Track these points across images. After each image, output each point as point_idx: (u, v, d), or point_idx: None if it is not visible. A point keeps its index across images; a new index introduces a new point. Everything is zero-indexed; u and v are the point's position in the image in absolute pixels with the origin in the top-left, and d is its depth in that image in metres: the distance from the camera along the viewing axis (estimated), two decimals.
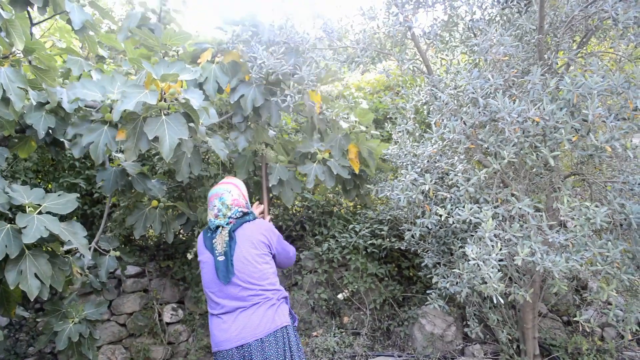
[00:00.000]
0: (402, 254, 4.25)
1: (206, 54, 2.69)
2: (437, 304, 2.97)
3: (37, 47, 2.23)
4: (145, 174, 2.89)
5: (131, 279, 3.94)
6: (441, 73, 3.04)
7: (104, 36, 2.80)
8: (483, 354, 3.75)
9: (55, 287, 2.16)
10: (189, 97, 2.10)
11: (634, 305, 2.40)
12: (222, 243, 2.07)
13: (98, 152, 2.25)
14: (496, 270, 2.03)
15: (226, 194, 2.18)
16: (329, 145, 2.76)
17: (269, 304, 2.01)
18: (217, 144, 2.53)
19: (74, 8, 2.51)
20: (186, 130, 2.07)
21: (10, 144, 2.57)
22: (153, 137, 2.04)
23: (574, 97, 2.03)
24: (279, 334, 1.98)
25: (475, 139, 2.35)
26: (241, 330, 1.94)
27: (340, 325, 4.13)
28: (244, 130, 2.72)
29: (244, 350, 1.92)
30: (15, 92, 2.04)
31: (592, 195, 2.61)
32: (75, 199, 2.24)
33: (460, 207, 2.24)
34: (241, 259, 2.02)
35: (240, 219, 2.14)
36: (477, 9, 2.94)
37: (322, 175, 2.69)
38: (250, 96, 2.56)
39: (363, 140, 2.85)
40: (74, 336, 2.52)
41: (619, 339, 3.78)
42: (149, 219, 2.99)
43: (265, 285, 2.04)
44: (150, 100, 2.00)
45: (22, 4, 2.35)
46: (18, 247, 1.98)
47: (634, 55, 2.89)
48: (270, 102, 2.62)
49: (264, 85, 2.59)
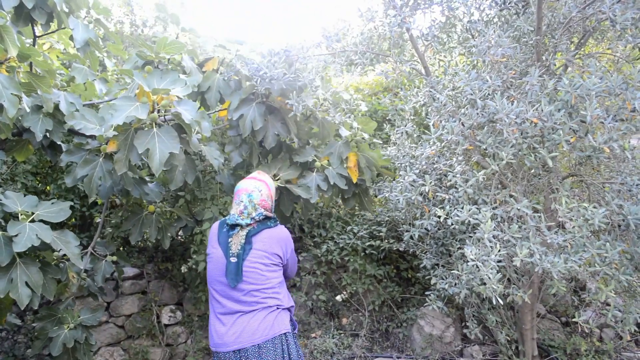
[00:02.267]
0: (401, 255, 4.25)
1: (211, 63, 2.67)
2: (435, 305, 2.97)
3: (31, 53, 2.21)
4: (142, 179, 2.86)
5: (130, 280, 3.93)
6: (439, 74, 3.05)
7: (112, 46, 2.79)
8: (482, 355, 3.75)
9: (47, 296, 2.14)
10: (181, 110, 2.06)
11: (632, 306, 2.40)
12: (237, 244, 2.00)
13: (92, 186, 2.25)
14: (495, 271, 2.03)
15: (256, 192, 2.09)
16: (328, 152, 2.71)
17: (269, 311, 1.98)
18: (211, 152, 2.50)
19: (79, 25, 2.48)
20: (177, 144, 2.03)
21: (7, 147, 2.56)
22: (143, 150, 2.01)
23: (572, 98, 2.03)
24: (277, 340, 1.95)
25: (474, 140, 2.36)
26: (239, 334, 1.92)
27: (339, 326, 4.12)
28: (239, 144, 2.68)
29: (240, 355, 1.90)
30: (8, 99, 2.02)
31: (590, 196, 2.61)
32: (68, 207, 2.22)
33: (458, 208, 2.24)
34: (253, 265, 1.99)
35: (261, 223, 2.07)
36: (475, 11, 2.94)
37: (323, 184, 2.59)
38: (250, 117, 2.50)
39: (364, 148, 2.77)
40: (69, 342, 2.50)
41: (618, 340, 3.79)
42: (145, 225, 2.97)
43: (269, 293, 2.01)
44: (140, 115, 1.97)
45: (25, 20, 2.34)
46: (9, 255, 1.96)
47: (631, 56, 2.90)
48: (267, 123, 2.56)
49: (264, 105, 2.54)
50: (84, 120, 2.27)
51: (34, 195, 2.21)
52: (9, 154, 2.57)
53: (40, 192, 4.00)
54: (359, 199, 2.88)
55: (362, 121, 2.83)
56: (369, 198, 2.89)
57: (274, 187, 2.26)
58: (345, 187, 2.60)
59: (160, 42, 2.53)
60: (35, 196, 2.21)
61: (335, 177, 2.59)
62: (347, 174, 2.61)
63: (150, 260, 4.15)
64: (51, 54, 2.98)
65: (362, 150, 2.74)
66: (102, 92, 2.87)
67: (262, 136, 2.55)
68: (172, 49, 2.59)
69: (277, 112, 2.56)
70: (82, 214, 4.02)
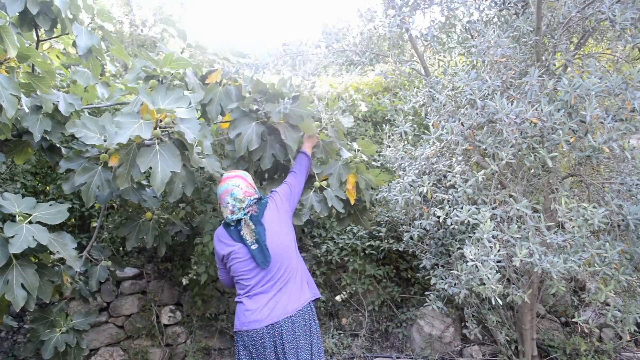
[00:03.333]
0: (401, 255, 4.25)
1: (214, 76, 2.66)
2: (435, 305, 2.97)
3: (31, 53, 2.21)
4: (140, 184, 2.84)
5: (129, 280, 3.93)
6: (439, 74, 3.05)
7: (115, 50, 2.78)
8: (481, 355, 3.75)
9: (43, 298, 2.15)
10: (183, 129, 2.05)
11: (632, 306, 2.40)
12: (250, 232, 2.09)
13: (90, 194, 2.26)
14: (494, 271, 2.03)
15: (236, 189, 2.18)
16: (328, 172, 2.68)
17: (296, 282, 2.10)
18: (212, 164, 2.52)
19: (82, 32, 2.46)
20: (179, 162, 2.04)
21: (7, 149, 2.56)
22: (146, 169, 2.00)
23: (571, 99, 2.03)
24: (306, 309, 2.06)
25: (473, 140, 2.36)
26: (272, 309, 2.00)
27: (338, 326, 4.12)
28: (237, 161, 2.67)
29: (274, 330, 1.97)
30: (7, 99, 2.02)
31: (590, 197, 2.61)
32: (66, 209, 2.22)
33: (458, 209, 2.24)
34: (274, 240, 2.09)
35: (258, 205, 2.17)
36: (474, 11, 2.94)
37: (317, 206, 2.58)
38: (247, 137, 2.46)
39: (363, 169, 2.75)
40: (60, 346, 2.50)
41: (617, 340, 3.79)
42: (142, 231, 2.97)
43: (294, 261, 2.14)
44: (144, 134, 1.96)
45: (29, 26, 2.34)
46: (5, 256, 1.97)
47: (631, 56, 2.90)
48: (265, 144, 2.54)
49: (263, 126, 2.51)
50: (85, 128, 2.27)
51: (32, 197, 2.21)
52: (8, 155, 2.56)
53: (40, 192, 4.00)
54: (355, 217, 2.86)
55: (363, 144, 2.79)
56: (367, 215, 2.87)
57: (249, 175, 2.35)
58: (342, 210, 2.58)
59: (166, 57, 2.52)
60: (33, 198, 2.21)
61: (334, 199, 2.57)
62: (345, 197, 2.60)
63: (150, 261, 4.15)
64: (50, 53, 2.97)
65: (361, 172, 2.71)
66: (104, 96, 2.86)
67: (258, 157, 2.55)
68: (178, 65, 2.58)
69: (277, 133, 2.54)
70: (82, 215, 4.02)
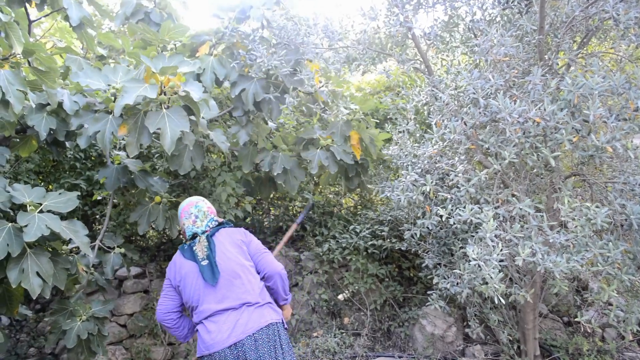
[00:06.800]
0: (403, 254, 4.25)
1: (204, 47, 2.71)
2: (437, 304, 2.97)
3: (36, 48, 2.22)
4: (146, 171, 2.90)
5: (132, 279, 3.95)
6: (442, 74, 3.04)
7: (102, 35, 2.81)
8: (484, 355, 3.74)
9: (58, 286, 2.16)
10: (189, 89, 2.11)
11: (634, 305, 2.40)
12: (202, 249, 2.07)
13: (105, 141, 2.24)
14: (497, 270, 2.03)
15: (201, 202, 2.20)
16: (330, 131, 2.78)
17: (256, 305, 2.01)
18: (218, 136, 2.56)
19: (72, 4, 2.52)
20: (187, 123, 2.08)
21: (11, 144, 2.57)
22: (154, 131, 2.04)
23: (574, 98, 2.02)
24: (271, 329, 1.97)
25: (476, 139, 2.35)
26: (233, 328, 1.93)
27: (340, 325, 4.12)
28: (245, 124, 2.73)
29: (237, 350, 1.90)
30: (14, 95, 2.04)
31: (593, 196, 2.60)
32: (75, 197, 2.25)
33: (460, 208, 2.24)
34: (223, 258, 2.04)
35: (220, 226, 2.16)
36: (477, 10, 2.94)
37: (325, 161, 2.70)
38: (252, 90, 2.57)
39: (363, 128, 2.87)
40: (82, 334, 2.53)
41: (620, 340, 3.78)
42: (152, 215, 2.99)
43: (252, 282, 2.04)
44: (150, 94, 2.01)
45: (20, 2, 2.36)
46: (19, 245, 1.98)
47: (634, 55, 2.90)
48: (270, 97, 2.63)
49: (264, 80, 2.60)
50: (88, 78, 2.30)
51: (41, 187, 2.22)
52: (12, 150, 2.58)
53: None
54: (360, 179, 2.97)
55: (360, 100, 2.89)
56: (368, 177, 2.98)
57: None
58: (351, 162, 2.72)
59: (164, 26, 2.59)
60: (42, 188, 2.22)
61: (342, 153, 2.70)
62: (351, 152, 2.70)
63: (152, 260, 4.17)
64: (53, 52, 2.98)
65: (361, 130, 2.83)
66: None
67: (266, 109, 2.61)
68: (176, 34, 2.64)
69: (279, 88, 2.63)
70: (85, 213, 4.03)
